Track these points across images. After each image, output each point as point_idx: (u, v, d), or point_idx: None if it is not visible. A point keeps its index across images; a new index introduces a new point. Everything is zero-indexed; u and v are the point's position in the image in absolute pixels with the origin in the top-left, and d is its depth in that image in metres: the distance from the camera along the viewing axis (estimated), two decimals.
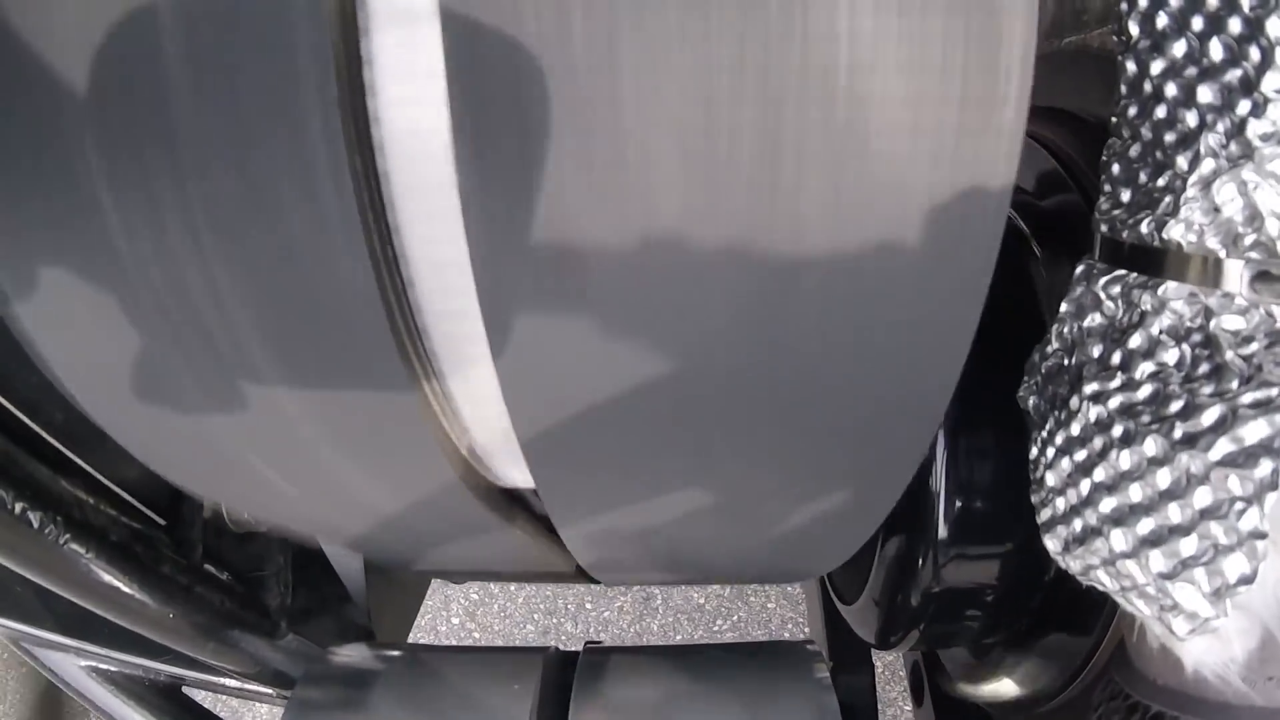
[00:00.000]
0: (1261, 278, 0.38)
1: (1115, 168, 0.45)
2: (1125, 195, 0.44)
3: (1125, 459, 0.40)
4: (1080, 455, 0.44)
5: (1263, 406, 0.36)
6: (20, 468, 0.50)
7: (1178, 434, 0.38)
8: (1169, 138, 0.40)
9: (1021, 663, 0.71)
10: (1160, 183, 0.40)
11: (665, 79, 0.30)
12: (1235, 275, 0.38)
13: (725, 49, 0.30)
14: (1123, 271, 0.43)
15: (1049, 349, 0.49)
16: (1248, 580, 0.36)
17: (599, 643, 0.76)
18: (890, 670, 1.56)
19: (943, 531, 0.63)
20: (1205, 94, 0.37)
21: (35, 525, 0.50)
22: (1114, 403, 0.42)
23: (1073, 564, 0.46)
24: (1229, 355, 0.38)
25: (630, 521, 0.48)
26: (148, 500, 0.61)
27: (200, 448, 0.45)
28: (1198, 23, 0.38)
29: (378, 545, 0.57)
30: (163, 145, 0.32)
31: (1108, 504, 0.41)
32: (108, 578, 0.55)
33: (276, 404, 0.40)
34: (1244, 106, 0.36)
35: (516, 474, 0.50)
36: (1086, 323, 0.46)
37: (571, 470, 0.44)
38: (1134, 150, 0.43)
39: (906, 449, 0.44)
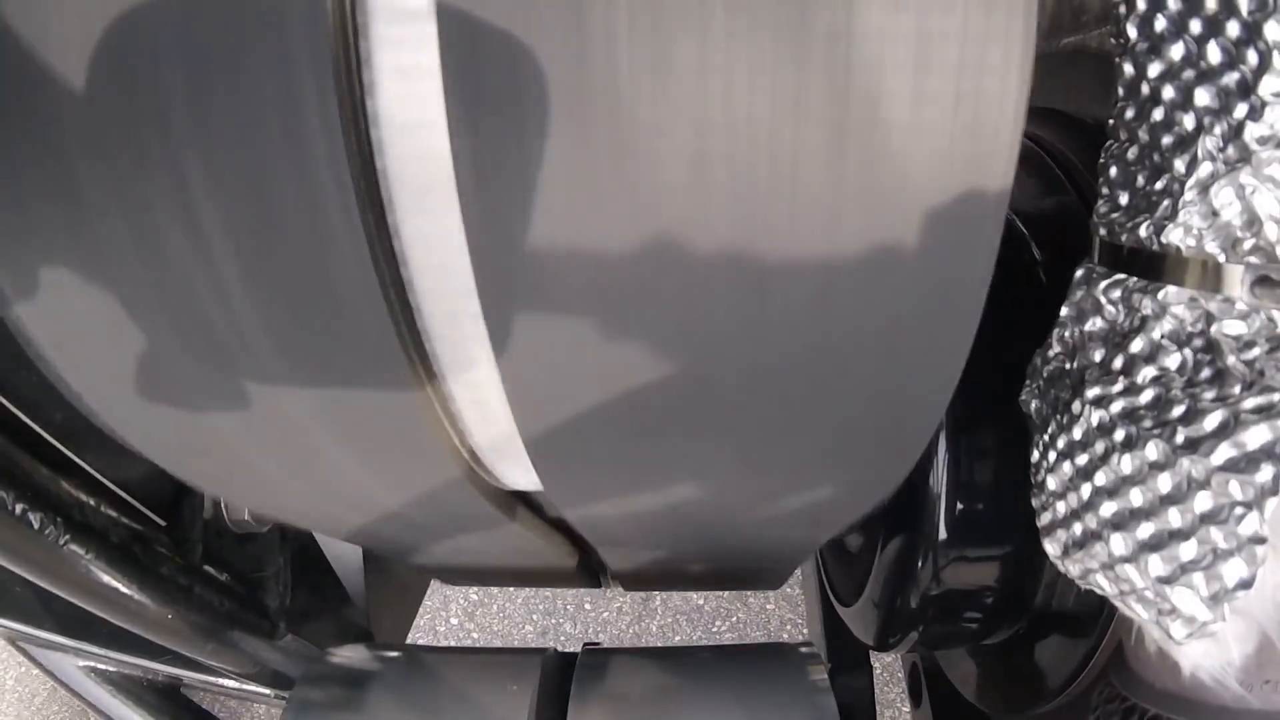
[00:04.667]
0: (1262, 282, 0.38)
1: (1113, 171, 0.45)
2: (1123, 198, 0.44)
3: (1126, 463, 0.40)
4: (1081, 459, 0.44)
5: (1264, 411, 0.36)
6: (21, 469, 0.50)
7: (1179, 439, 0.38)
8: (1166, 141, 0.40)
9: (1020, 665, 0.71)
10: (1158, 186, 0.40)
11: (666, 79, 0.30)
12: (1235, 280, 0.38)
13: (726, 49, 0.30)
14: (1123, 276, 0.43)
15: (1050, 352, 0.49)
16: (1246, 585, 0.36)
17: (597, 644, 0.76)
18: (889, 671, 1.56)
19: (942, 533, 0.63)
20: (1202, 97, 0.37)
21: (36, 526, 0.50)
22: (1116, 407, 0.42)
23: (1072, 568, 0.46)
24: (1230, 360, 0.38)
25: (635, 509, 0.48)
26: (148, 501, 0.60)
27: (204, 444, 0.45)
28: (1195, 25, 0.37)
29: (381, 540, 0.57)
30: (162, 146, 0.32)
31: (1108, 508, 0.41)
32: (107, 579, 0.55)
33: (280, 402, 0.40)
34: (1241, 110, 0.36)
35: (519, 476, 0.50)
36: (1087, 327, 0.46)
37: (575, 466, 0.44)
38: (1131, 153, 0.43)
39: (904, 451, 0.44)
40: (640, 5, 0.29)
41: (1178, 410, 0.38)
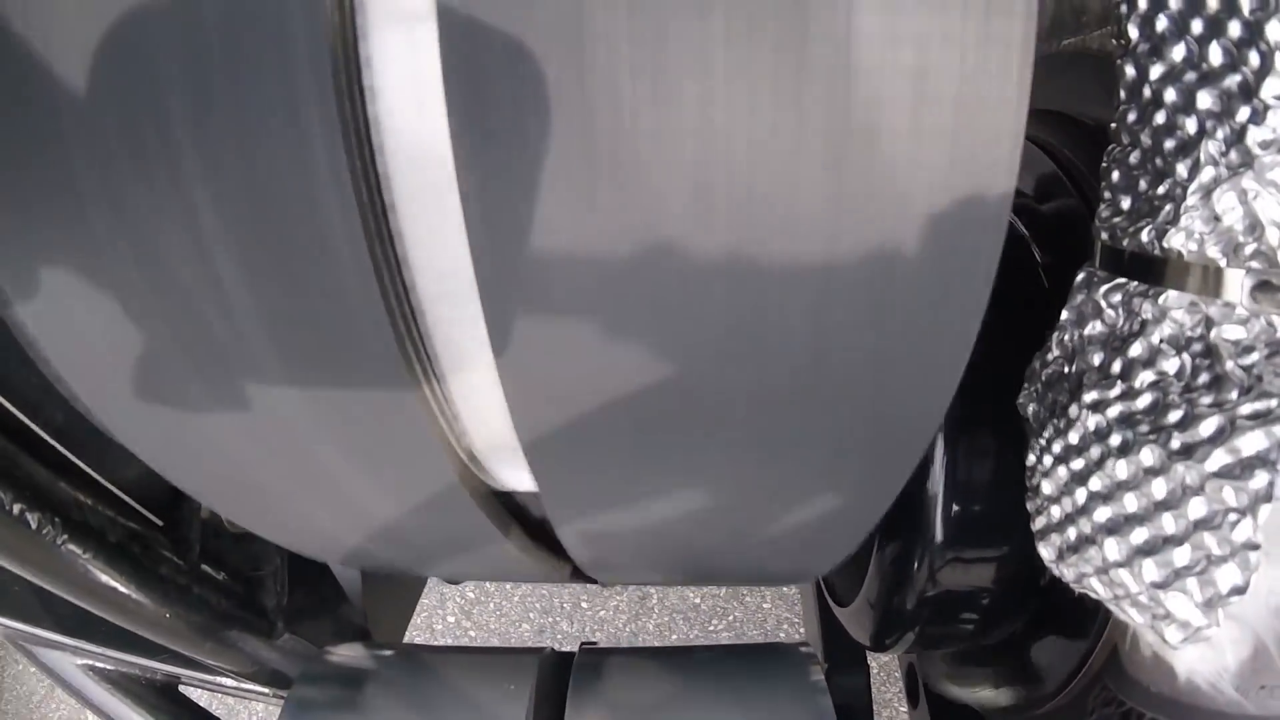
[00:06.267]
0: (1262, 287, 0.38)
1: (1115, 175, 0.44)
2: (1125, 203, 0.44)
3: (1122, 469, 0.40)
4: (1077, 464, 0.44)
5: (1261, 418, 0.36)
6: (20, 469, 0.50)
7: (1175, 444, 0.38)
8: (1169, 144, 0.39)
9: (1016, 667, 0.71)
10: (1160, 190, 0.40)
11: (666, 83, 0.30)
12: (1236, 285, 0.38)
13: (727, 54, 0.30)
14: (1123, 280, 0.43)
15: (1049, 356, 0.49)
16: (1240, 591, 0.36)
17: (594, 643, 0.76)
18: (886, 671, 1.56)
19: (939, 535, 0.63)
20: (1204, 100, 0.37)
21: (34, 526, 0.50)
22: (1113, 411, 0.42)
23: (1066, 572, 0.46)
24: (1229, 365, 0.38)
25: (629, 521, 0.48)
26: (146, 501, 0.60)
27: (199, 448, 0.45)
28: (1197, 26, 0.37)
29: (373, 553, 0.57)
30: (162, 148, 0.32)
31: (1103, 513, 0.41)
32: (106, 578, 0.55)
33: (277, 404, 0.40)
34: (1243, 113, 0.36)
35: (514, 477, 0.50)
36: (1087, 330, 0.46)
37: (572, 470, 0.44)
38: (1134, 157, 0.43)
39: (903, 455, 0.44)
40: (637, 11, 0.29)
41: (1174, 415, 0.38)
